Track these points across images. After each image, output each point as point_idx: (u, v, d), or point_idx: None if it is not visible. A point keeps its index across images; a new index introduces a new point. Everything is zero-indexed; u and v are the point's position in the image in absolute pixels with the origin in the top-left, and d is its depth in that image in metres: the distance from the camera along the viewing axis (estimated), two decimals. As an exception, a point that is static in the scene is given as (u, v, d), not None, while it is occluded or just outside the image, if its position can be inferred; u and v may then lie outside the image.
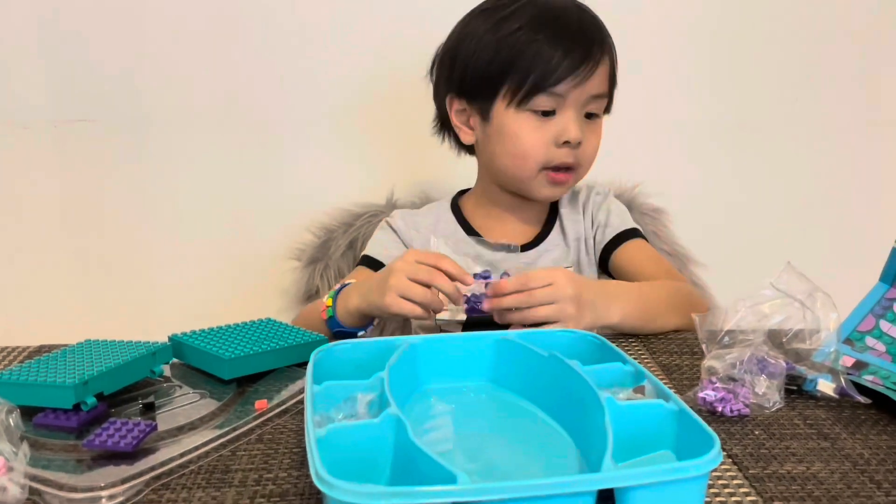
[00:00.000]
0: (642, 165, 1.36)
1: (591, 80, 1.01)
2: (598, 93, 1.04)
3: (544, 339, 0.73)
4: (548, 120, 1.02)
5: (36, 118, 1.48)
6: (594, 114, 1.06)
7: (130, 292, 1.56)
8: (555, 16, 1.02)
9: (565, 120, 1.02)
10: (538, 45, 1.00)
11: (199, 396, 0.74)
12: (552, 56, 0.99)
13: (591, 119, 1.06)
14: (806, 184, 1.59)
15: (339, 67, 1.48)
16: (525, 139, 1.03)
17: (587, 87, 1.01)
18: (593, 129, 1.06)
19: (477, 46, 1.04)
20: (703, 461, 0.50)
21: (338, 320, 0.95)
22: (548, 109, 1.02)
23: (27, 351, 0.87)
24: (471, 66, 1.05)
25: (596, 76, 1.02)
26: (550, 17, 1.02)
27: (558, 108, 1.02)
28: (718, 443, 0.51)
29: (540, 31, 1.00)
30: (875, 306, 0.82)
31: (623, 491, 0.50)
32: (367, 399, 0.63)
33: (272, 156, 1.52)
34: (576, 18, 1.04)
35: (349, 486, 0.47)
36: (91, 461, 0.61)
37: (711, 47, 1.52)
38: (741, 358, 0.74)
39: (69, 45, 1.44)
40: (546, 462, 0.61)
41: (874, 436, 0.68)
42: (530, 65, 1.00)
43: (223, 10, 1.44)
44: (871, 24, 1.52)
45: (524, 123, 1.03)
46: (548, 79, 1.00)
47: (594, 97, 1.04)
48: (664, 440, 0.59)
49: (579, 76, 1.00)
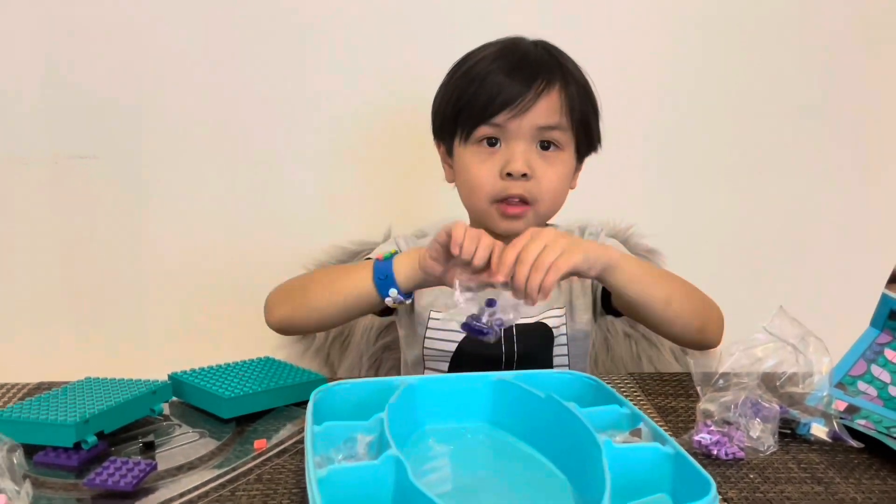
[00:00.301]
0: (636, 207, 1.37)
1: (534, 111, 0.98)
2: (545, 124, 1.00)
3: (541, 380, 0.74)
4: (494, 151, 1.01)
5: (36, 154, 1.49)
6: (552, 144, 1.01)
7: (128, 327, 1.56)
8: (510, 50, 1.02)
9: (510, 151, 1.00)
10: (483, 78, 1.00)
11: (198, 435, 0.74)
12: (493, 87, 0.98)
13: (548, 150, 1.01)
14: (798, 227, 1.61)
15: (337, 105, 1.50)
16: (473, 171, 1.02)
17: (529, 118, 0.98)
18: (550, 162, 1.01)
19: (445, 87, 1.06)
20: None
21: (392, 264, 0.91)
22: (492, 139, 1.01)
23: (27, 388, 0.87)
24: (439, 109, 1.07)
25: (539, 107, 0.99)
26: (505, 52, 1.02)
27: (503, 139, 1.00)
28: (714, 487, 0.52)
29: (492, 65, 1.00)
30: (866, 351, 0.83)
31: None
32: (367, 440, 0.63)
33: (269, 193, 1.53)
34: (524, 52, 1.02)
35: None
36: (91, 500, 0.61)
37: (704, 90, 1.55)
38: (736, 401, 0.75)
39: (69, 82, 1.47)
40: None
41: (867, 480, 0.69)
42: (475, 97, 1.00)
43: (223, 49, 1.47)
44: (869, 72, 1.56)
45: (472, 156, 1.02)
46: (487, 109, 0.99)
47: (542, 128, 1.00)
48: (661, 483, 0.59)
49: (517, 107, 0.98)
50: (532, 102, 0.98)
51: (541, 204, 1.03)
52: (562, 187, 1.04)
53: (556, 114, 1.01)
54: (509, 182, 1.00)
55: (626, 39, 1.51)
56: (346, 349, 1.30)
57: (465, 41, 1.09)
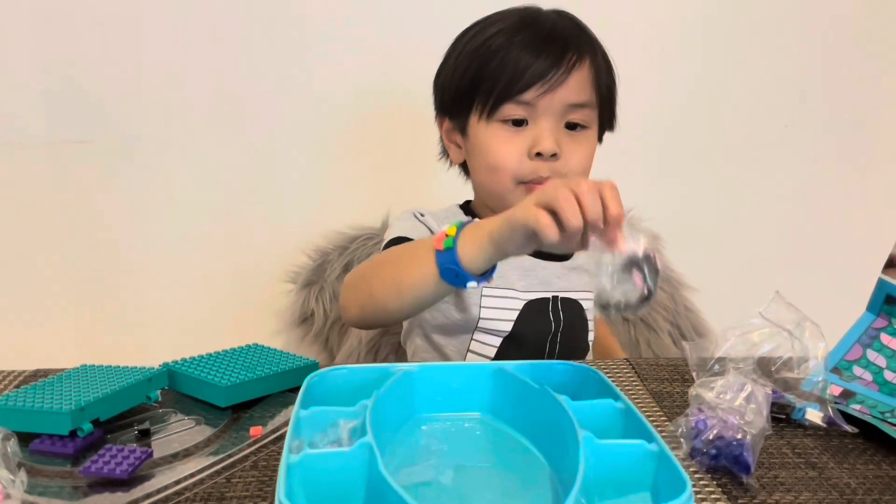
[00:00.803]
0: (635, 191, 1.36)
1: (565, 87, 0.94)
2: (576, 101, 0.96)
3: (541, 371, 0.73)
4: (520, 130, 0.96)
5: (33, 138, 1.49)
6: (578, 124, 0.98)
7: (123, 313, 1.57)
8: (530, 22, 0.97)
9: (538, 130, 0.95)
10: (506, 52, 0.94)
11: (193, 423, 0.74)
12: (518, 61, 0.93)
13: (574, 130, 0.98)
14: (795, 212, 1.61)
15: (336, 89, 1.50)
16: (496, 151, 0.97)
17: (560, 95, 0.94)
18: (578, 142, 0.98)
19: (455, 61, 1.01)
20: None
21: (457, 253, 0.79)
22: (518, 119, 0.96)
23: (23, 375, 0.87)
24: (449, 82, 1.01)
25: (570, 83, 0.95)
26: (525, 24, 0.96)
27: (530, 118, 0.96)
28: (690, 487, 0.51)
29: (513, 38, 0.95)
30: (862, 336, 0.83)
31: None
32: (350, 426, 0.63)
33: (267, 177, 1.53)
34: (550, 24, 0.97)
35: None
36: (87, 488, 0.61)
37: (706, 75, 1.54)
38: (729, 385, 0.74)
39: (66, 66, 1.46)
40: (523, 498, 0.61)
41: (861, 465, 0.69)
42: (497, 73, 0.94)
43: (220, 34, 1.46)
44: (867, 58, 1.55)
45: (495, 135, 0.97)
46: (514, 85, 0.94)
47: (572, 106, 0.96)
48: (644, 481, 0.59)
49: (548, 82, 0.93)
50: (564, 77, 0.94)
51: None
52: (588, 167, 1.00)
53: (585, 91, 0.97)
54: (538, 162, 0.96)
55: (629, 22, 1.50)
56: (344, 334, 1.31)
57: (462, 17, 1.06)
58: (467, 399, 0.75)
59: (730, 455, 0.67)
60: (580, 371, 0.75)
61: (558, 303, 1.04)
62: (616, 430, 0.66)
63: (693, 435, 0.71)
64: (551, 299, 1.04)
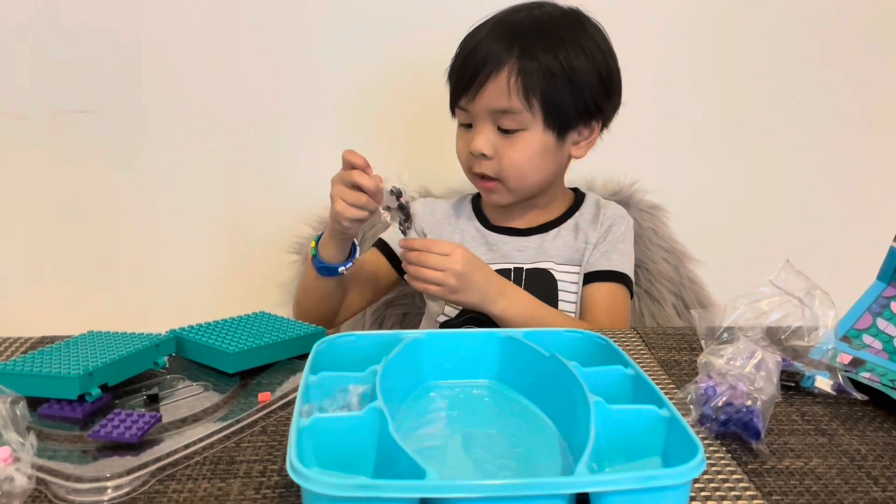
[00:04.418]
0: (640, 163, 1.36)
1: (483, 96, 1.03)
2: (497, 108, 1.03)
3: (549, 338, 0.73)
4: (468, 131, 1.08)
5: (34, 108, 1.48)
6: (511, 129, 1.04)
7: (127, 284, 1.56)
8: (476, 32, 1.07)
9: (474, 132, 1.06)
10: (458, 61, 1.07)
11: (201, 389, 0.74)
12: (459, 69, 1.06)
13: (510, 134, 1.04)
14: (804, 182, 1.59)
15: (341, 60, 1.48)
16: (456, 148, 1.12)
17: (482, 102, 1.03)
18: (512, 144, 1.04)
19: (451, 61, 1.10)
20: (682, 470, 0.49)
21: (320, 257, 1.03)
22: (464, 122, 1.09)
23: (29, 342, 0.87)
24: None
25: (488, 91, 1.02)
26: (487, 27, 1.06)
27: (472, 120, 1.07)
28: (702, 451, 0.51)
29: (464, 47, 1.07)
30: (872, 304, 0.83)
31: (597, 497, 0.49)
32: (360, 391, 0.63)
33: (271, 148, 1.52)
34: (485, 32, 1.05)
35: (318, 477, 0.47)
36: (96, 452, 0.61)
37: (710, 45, 1.53)
38: (739, 353, 0.74)
39: (68, 35, 1.44)
40: (533, 463, 0.61)
41: (871, 432, 0.69)
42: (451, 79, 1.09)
43: (224, 2, 1.44)
44: (871, 24, 1.53)
45: (457, 134, 1.12)
46: (455, 93, 1.08)
47: (498, 112, 1.03)
48: (655, 446, 0.59)
49: (471, 91, 1.03)
50: (480, 88, 1.03)
51: (508, 180, 1.07)
52: (528, 165, 1.06)
53: (507, 97, 1.02)
54: (475, 160, 1.07)
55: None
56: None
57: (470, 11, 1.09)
58: (476, 366, 0.75)
59: (739, 421, 0.67)
60: (588, 338, 0.75)
61: (522, 273, 1.11)
62: (626, 396, 0.66)
63: (702, 401, 0.70)
64: (513, 270, 1.11)
